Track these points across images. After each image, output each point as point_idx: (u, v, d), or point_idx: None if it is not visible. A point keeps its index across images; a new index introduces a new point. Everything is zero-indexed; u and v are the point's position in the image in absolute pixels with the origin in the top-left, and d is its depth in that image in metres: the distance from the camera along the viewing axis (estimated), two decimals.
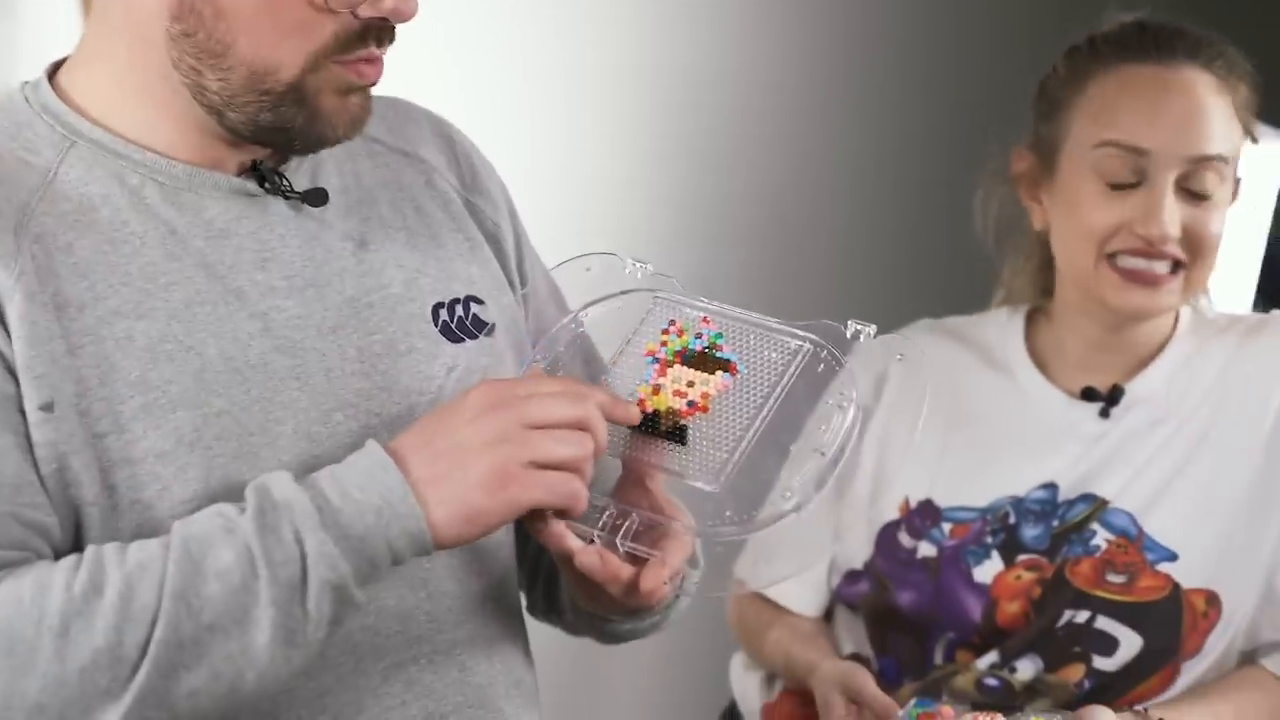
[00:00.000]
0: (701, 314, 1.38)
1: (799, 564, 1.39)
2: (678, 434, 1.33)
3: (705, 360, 1.35)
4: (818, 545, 1.75)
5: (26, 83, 1.39)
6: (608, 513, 1.33)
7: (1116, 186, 1.83)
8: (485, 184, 1.53)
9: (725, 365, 1.35)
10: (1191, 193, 1.82)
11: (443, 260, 1.44)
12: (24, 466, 1.25)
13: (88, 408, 1.26)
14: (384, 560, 1.25)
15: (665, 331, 1.38)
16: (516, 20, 2.97)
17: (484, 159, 1.55)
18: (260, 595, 1.21)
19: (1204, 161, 1.81)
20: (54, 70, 1.39)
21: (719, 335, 1.37)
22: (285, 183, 1.38)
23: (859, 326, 1.37)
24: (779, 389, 1.33)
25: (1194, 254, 1.82)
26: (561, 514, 1.30)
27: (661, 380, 1.35)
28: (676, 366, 1.35)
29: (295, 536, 1.22)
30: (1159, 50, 1.85)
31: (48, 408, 1.25)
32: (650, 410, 1.34)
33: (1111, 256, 1.83)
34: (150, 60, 1.33)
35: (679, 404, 1.34)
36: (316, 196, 1.39)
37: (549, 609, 1.54)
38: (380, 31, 1.33)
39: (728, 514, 1.31)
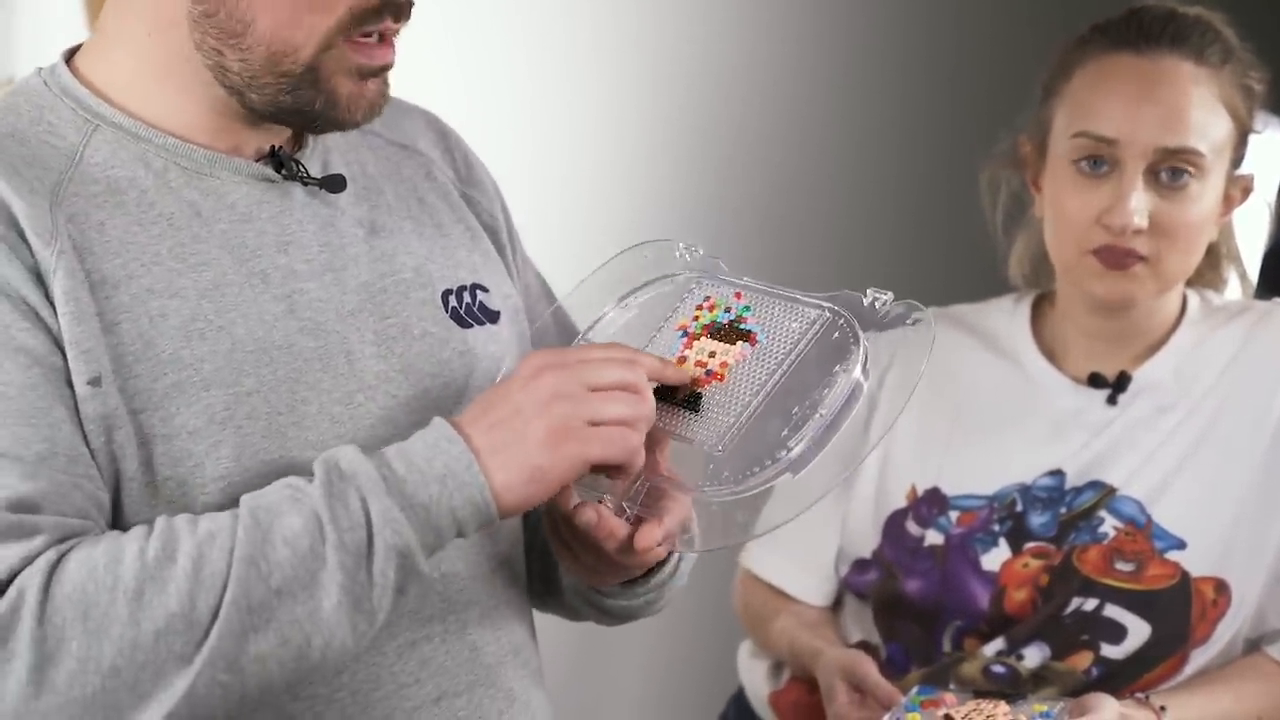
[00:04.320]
0: (735, 289, 1.41)
1: (791, 511, 1.39)
2: (692, 401, 1.36)
3: (730, 332, 1.38)
4: (810, 494, 1.74)
5: (42, 68, 1.39)
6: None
7: (1090, 176, 1.83)
8: (480, 177, 1.56)
9: (747, 336, 1.38)
10: (1164, 183, 1.82)
11: (448, 249, 1.47)
12: (78, 440, 1.26)
13: (124, 384, 1.28)
14: (449, 530, 1.27)
15: (700, 307, 1.41)
16: (520, 13, 2.97)
17: (475, 153, 1.57)
18: (328, 560, 1.23)
19: (1175, 152, 1.81)
20: (70, 55, 1.40)
21: (747, 308, 1.40)
22: (302, 169, 1.40)
23: (877, 294, 1.38)
24: (792, 356, 1.36)
25: (1165, 244, 1.82)
26: (617, 472, 1.31)
27: (687, 352, 1.38)
28: (703, 339, 1.39)
29: (362, 504, 1.24)
30: (1142, 39, 1.84)
31: (95, 382, 1.27)
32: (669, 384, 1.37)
33: (1096, 249, 1.83)
34: (172, 43, 1.34)
35: (698, 373, 1.37)
36: (335, 183, 1.41)
37: (545, 590, 1.55)
38: (398, 8, 1.35)
39: (725, 475, 1.33)
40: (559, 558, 1.43)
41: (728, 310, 1.40)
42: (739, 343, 1.37)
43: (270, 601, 1.22)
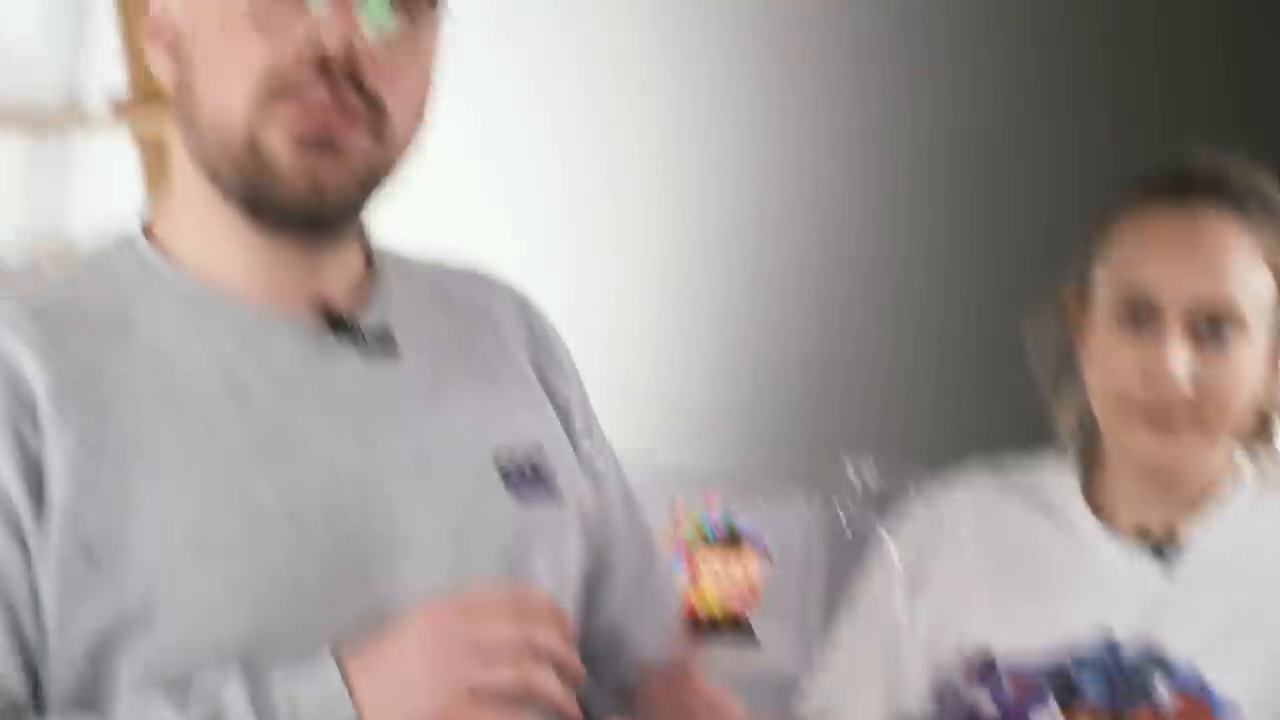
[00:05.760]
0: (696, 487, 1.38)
1: None
2: (744, 629, 1.32)
3: (728, 539, 1.34)
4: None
5: (122, 235, 1.38)
6: None
7: (1131, 333, 1.81)
8: (558, 356, 1.51)
9: (753, 544, 1.34)
10: (1205, 338, 1.80)
11: (512, 421, 1.42)
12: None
13: (141, 553, 1.24)
14: None
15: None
16: (547, 105, 2.97)
17: (557, 331, 1.52)
18: None
19: (1216, 307, 1.79)
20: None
21: (730, 513, 1.35)
22: (356, 329, 1.36)
23: (857, 464, 1.36)
24: (818, 561, 1.33)
25: (1207, 400, 1.80)
26: None
27: (698, 571, 1.34)
28: (702, 553, 1.34)
29: None
30: (1182, 192, 1.83)
31: (89, 554, 1.24)
32: (705, 616, 1.33)
33: (1138, 406, 1.81)
34: (189, 168, 1.32)
35: (730, 602, 1.32)
36: (387, 345, 1.37)
37: None
38: (326, 64, 1.26)
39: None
40: None
41: (706, 513, 1.36)
42: (752, 560, 1.34)
43: None
